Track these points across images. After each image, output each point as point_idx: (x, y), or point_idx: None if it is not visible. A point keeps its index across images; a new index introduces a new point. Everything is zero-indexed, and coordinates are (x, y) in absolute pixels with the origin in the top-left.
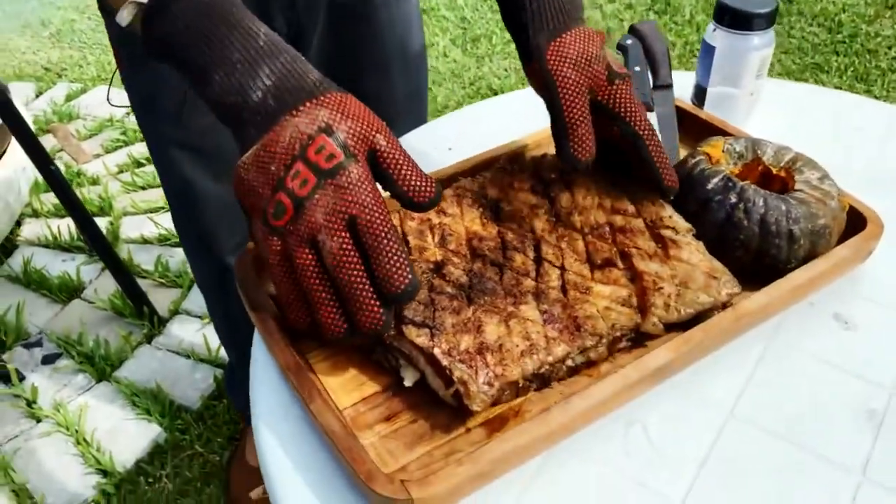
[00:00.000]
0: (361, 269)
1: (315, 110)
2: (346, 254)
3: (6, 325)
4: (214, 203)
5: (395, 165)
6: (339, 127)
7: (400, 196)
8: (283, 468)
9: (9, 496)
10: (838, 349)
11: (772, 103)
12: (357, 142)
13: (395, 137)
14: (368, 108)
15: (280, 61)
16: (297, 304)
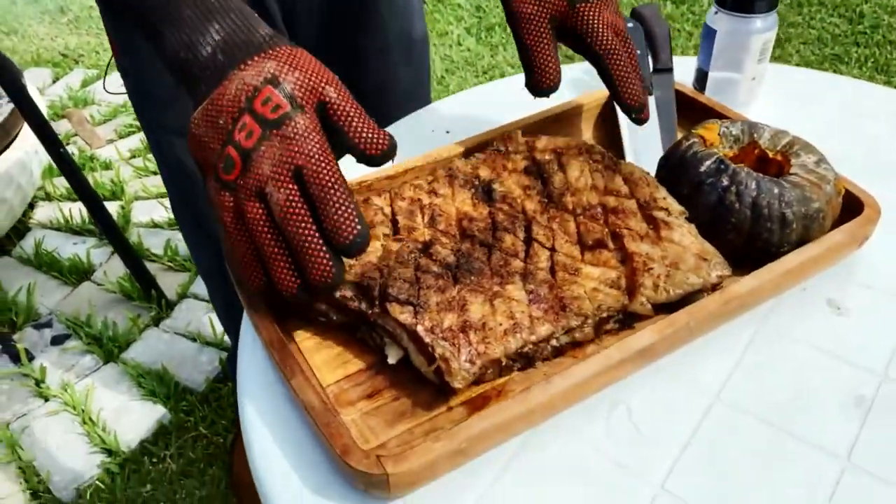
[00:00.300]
0: (309, 220)
1: (263, 63)
2: (292, 205)
3: (17, 305)
4: None
5: (345, 118)
6: (285, 78)
7: (352, 149)
8: (265, 444)
9: (16, 473)
10: (830, 335)
11: (776, 88)
12: (305, 93)
13: (346, 90)
14: (319, 62)
15: (231, 17)
16: (251, 263)
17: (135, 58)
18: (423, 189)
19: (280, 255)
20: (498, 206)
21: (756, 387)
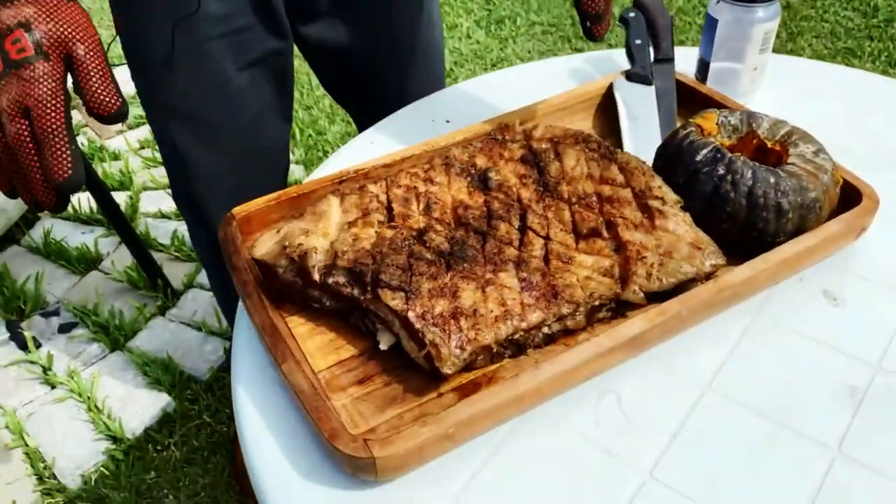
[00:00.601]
0: (34, 155)
1: (24, 7)
2: (20, 139)
3: (25, 293)
4: (204, 170)
5: (85, 74)
6: (38, 26)
7: (85, 105)
8: (256, 430)
9: (22, 458)
10: (825, 326)
11: (781, 80)
12: (53, 43)
13: (100, 50)
14: (87, 18)
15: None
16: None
17: (130, 36)
18: (419, 177)
19: (14, 173)
20: (493, 195)
21: (749, 377)
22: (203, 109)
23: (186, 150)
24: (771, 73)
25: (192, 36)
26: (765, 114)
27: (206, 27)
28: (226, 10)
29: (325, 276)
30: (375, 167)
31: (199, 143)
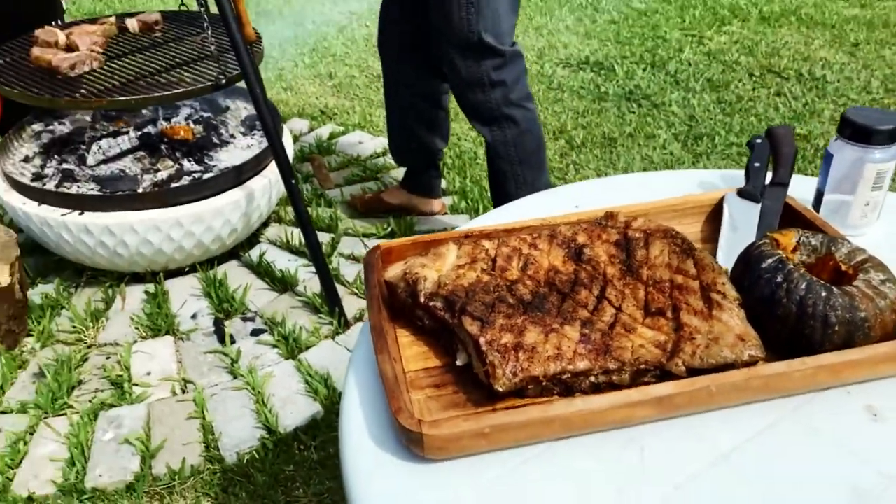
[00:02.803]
0: None
1: None
2: None
3: (234, 299)
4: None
5: None
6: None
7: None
8: (353, 402)
9: (198, 427)
10: (854, 435)
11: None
12: None
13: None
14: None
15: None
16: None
17: None
18: (526, 242)
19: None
20: (583, 266)
21: (764, 462)
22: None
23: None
24: (891, 209)
25: None
26: (848, 241)
27: None
28: None
29: (428, 299)
30: (497, 229)
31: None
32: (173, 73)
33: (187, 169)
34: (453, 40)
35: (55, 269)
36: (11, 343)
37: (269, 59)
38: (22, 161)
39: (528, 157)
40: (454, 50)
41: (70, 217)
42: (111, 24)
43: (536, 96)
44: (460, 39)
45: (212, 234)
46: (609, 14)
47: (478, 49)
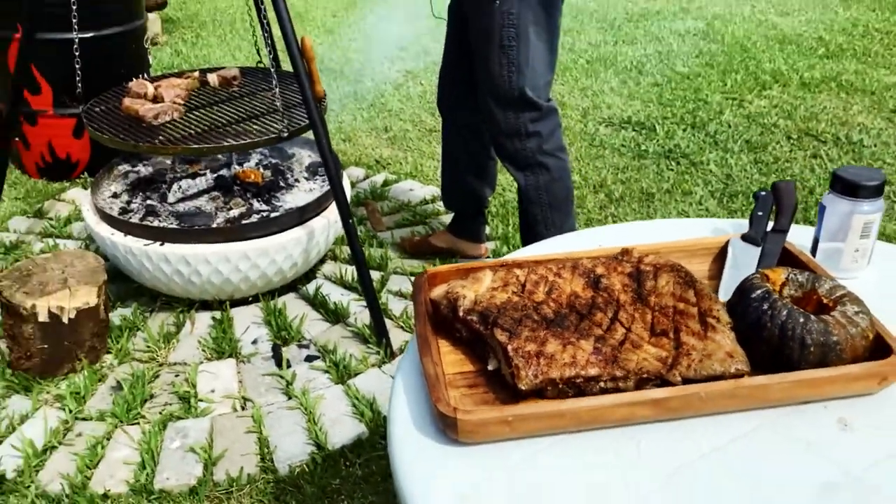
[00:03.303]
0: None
1: None
2: None
3: (291, 327)
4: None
5: None
6: None
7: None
8: (402, 401)
9: (255, 440)
10: (823, 441)
11: (888, 262)
12: None
13: None
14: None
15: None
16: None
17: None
18: (552, 271)
19: None
20: (600, 293)
21: (745, 459)
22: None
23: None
24: (881, 256)
25: None
26: (831, 279)
27: None
28: None
29: (466, 314)
30: (528, 260)
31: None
32: (244, 124)
33: (256, 208)
34: (495, 94)
35: (134, 295)
36: (93, 358)
37: (331, 113)
38: (111, 197)
39: (558, 203)
40: (495, 102)
41: (151, 247)
42: (194, 79)
43: (578, 153)
44: (501, 93)
45: (275, 267)
46: (653, 77)
47: (517, 102)
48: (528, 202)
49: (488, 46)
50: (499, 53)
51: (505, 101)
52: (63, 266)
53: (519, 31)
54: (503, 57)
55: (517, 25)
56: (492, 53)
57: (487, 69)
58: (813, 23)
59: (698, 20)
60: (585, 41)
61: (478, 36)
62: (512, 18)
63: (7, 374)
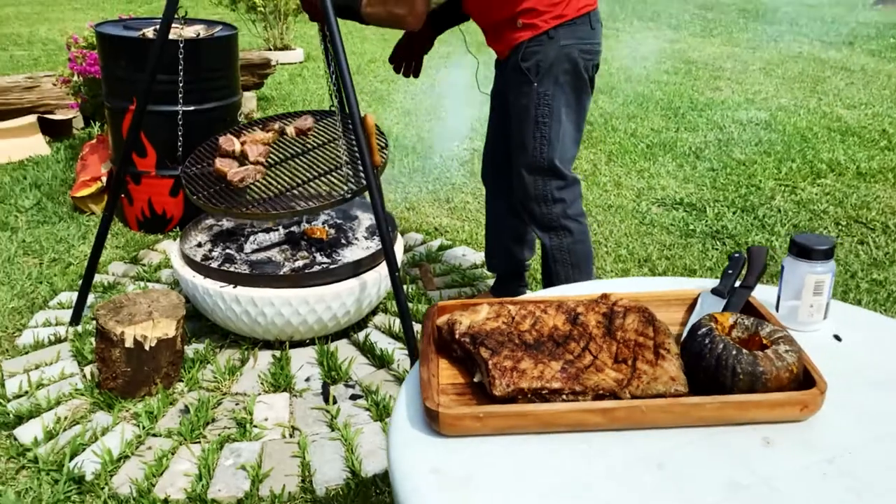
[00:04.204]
0: None
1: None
2: None
3: (340, 369)
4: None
5: None
6: None
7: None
8: (402, 404)
9: (298, 464)
10: (741, 453)
11: (840, 315)
12: None
13: None
14: None
15: None
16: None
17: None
18: (539, 308)
19: None
20: (577, 328)
21: (677, 461)
22: None
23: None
24: (837, 311)
25: None
26: (771, 325)
27: None
28: None
29: (460, 336)
30: (522, 300)
31: None
32: (313, 183)
33: (318, 261)
34: (527, 163)
35: (207, 332)
36: (167, 384)
37: (398, 185)
38: (196, 246)
39: (579, 263)
40: (527, 170)
41: (226, 289)
42: (274, 132)
43: (628, 229)
44: (533, 163)
45: (330, 313)
46: (710, 163)
47: (546, 172)
48: (552, 261)
49: (525, 122)
50: (534, 128)
51: (536, 169)
52: (150, 301)
53: (552, 111)
54: (537, 131)
55: (551, 105)
56: (528, 128)
57: (523, 142)
58: (879, 116)
59: (762, 111)
60: (648, 127)
61: (517, 112)
62: (547, 99)
63: (95, 393)
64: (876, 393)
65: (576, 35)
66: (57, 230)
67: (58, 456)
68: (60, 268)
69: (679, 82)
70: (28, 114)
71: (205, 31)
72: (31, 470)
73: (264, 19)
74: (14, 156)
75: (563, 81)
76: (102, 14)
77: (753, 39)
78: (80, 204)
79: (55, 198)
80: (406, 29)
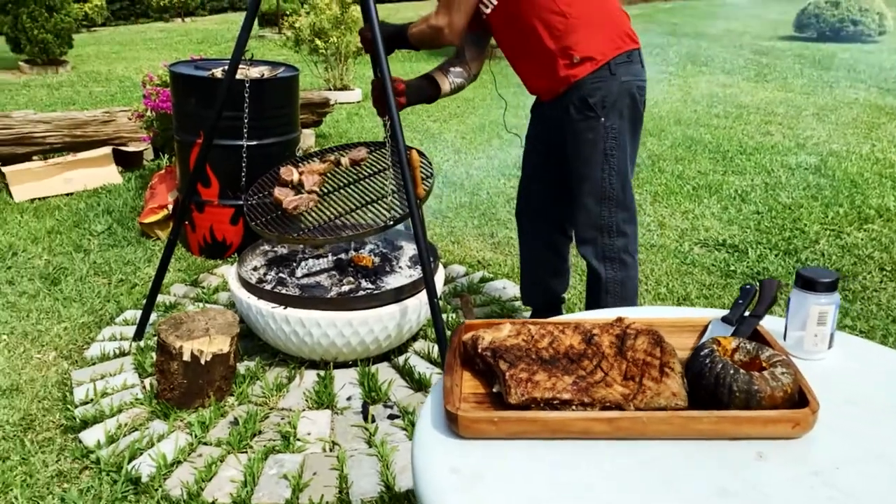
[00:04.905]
0: None
1: None
2: None
3: (380, 390)
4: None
5: None
6: None
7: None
8: (427, 408)
9: (336, 476)
10: (742, 468)
11: (845, 347)
12: None
13: None
14: None
15: None
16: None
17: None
18: (558, 328)
19: None
20: (591, 347)
21: (676, 469)
22: None
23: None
24: (841, 342)
25: None
26: (771, 349)
27: None
28: None
29: (483, 350)
30: (545, 322)
31: None
32: (359, 212)
33: (363, 286)
34: (596, 194)
35: (259, 351)
36: (219, 397)
37: (445, 219)
38: (252, 269)
39: (628, 297)
40: (595, 201)
41: (277, 310)
42: (330, 163)
43: (669, 268)
44: (603, 193)
45: (372, 336)
46: (755, 206)
47: (615, 201)
48: (605, 292)
49: (592, 155)
50: (602, 161)
51: (605, 200)
52: (207, 319)
53: (619, 143)
54: (605, 164)
55: (618, 139)
56: (595, 161)
57: (590, 174)
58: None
59: (812, 156)
60: (695, 169)
61: (580, 146)
62: (614, 132)
63: (153, 402)
64: (870, 418)
65: (631, 72)
66: (125, 253)
67: (117, 459)
68: (127, 288)
69: (729, 126)
70: (104, 145)
71: (269, 72)
72: (93, 470)
73: (325, 61)
74: (89, 184)
75: (626, 115)
76: (175, 54)
77: (808, 85)
78: (147, 229)
79: (125, 223)
80: (444, 44)
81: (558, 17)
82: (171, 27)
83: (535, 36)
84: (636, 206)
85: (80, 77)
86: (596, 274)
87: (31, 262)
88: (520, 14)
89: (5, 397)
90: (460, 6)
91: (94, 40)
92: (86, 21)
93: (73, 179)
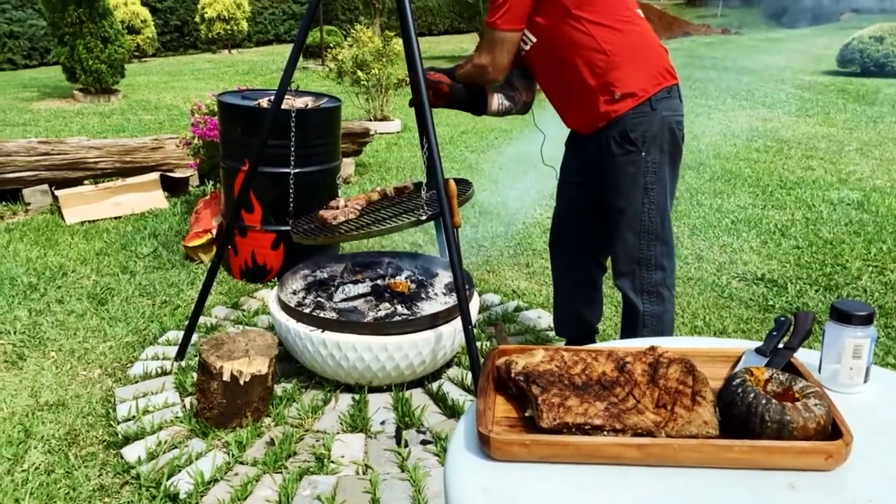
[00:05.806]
0: None
1: None
2: None
3: (414, 415)
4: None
5: None
6: None
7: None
8: (459, 431)
9: (368, 500)
10: (774, 494)
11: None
12: None
13: None
14: None
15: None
16: None
17: None
18: (591, 355)
19: None
20: (624, 375)
21: (705, 497)
22: None
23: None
24: (878, 375)
25: None
26: (805, 381)
27: None
28: None
29: (516, 375)
30: (578, 348)
31: None
32: (394, 219)
33: (399, 312)
34: (636, 227)
35: (296, 373)
36: (256, 417)
37: (481, 249)
38: (291, 293)
39: (664, 331)
40: (634, 234)
41: (314, 333)
42: (377, 193)
43: (706, 301)
44: (643, 227)
45: (407, 361)
46: (795, 241)
47: (655, 235)
48: (641, 325)
49: (633, 189)
50: (642, 195)
51: (645, 233)
52: (248, 340)
53: (659, 178)
54: (645, 197)
55: (657, 173)
56: (635, 195)
57: (630, 208)
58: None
59: (855, 191)
60: (734, 203)
61: (621, 180)
62: (655, 167)
63: (192, 421)
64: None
65: (670, 107)
66: (169, 276)
67: (157, 475)
68: (170, 309)
69: (769, 160)
70: (152, 171)
71: (313, 103)
72: (133, 486)
73: (367, 92)
74: (137, 208)
75: (665, 150)
76: (221, 84)
77: (851, 120)
78: (191, 253)
79: (169, 247)
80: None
81: (599, 56)
82: (219, 58)
83: (576, 73)
84: (674, 240)
85: (131, 105)
86: (633, 307)
87: (79, 282)
88: (559, 52)
89: (52, 412)
90: (503, 45)
91: (145, 70)
92: (137, 52)
93: (121, 203)
